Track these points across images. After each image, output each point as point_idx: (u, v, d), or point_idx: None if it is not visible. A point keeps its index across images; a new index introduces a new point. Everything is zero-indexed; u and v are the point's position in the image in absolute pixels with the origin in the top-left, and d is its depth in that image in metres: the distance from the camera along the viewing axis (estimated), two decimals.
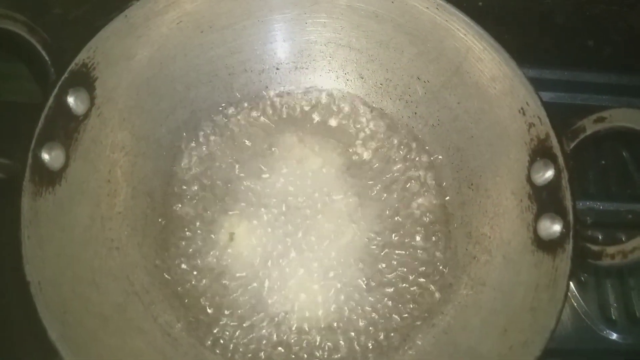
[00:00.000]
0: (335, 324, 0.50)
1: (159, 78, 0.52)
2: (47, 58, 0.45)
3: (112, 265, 0.47)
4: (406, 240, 0.54)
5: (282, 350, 0.50)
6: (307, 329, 0.50)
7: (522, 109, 0.48)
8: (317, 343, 0.50)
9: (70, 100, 0.45)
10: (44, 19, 0.68)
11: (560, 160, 0.45)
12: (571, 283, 0.56)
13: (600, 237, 0.60)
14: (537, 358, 0.41)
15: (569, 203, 0.44)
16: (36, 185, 0.42)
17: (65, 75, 0.44)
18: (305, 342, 0.50)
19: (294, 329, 0.50)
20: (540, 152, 0.47)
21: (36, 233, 0.41)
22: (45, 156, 0.43)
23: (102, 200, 0.48)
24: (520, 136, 0.49)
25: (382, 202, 0.55)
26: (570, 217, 0.44)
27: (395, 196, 0.55)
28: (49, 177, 0.44)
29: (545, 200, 0.47)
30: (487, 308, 0.48)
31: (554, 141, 0.46)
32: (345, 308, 0.51)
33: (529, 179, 0.48)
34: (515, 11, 0.76)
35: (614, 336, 0.56)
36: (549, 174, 0.46)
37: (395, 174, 0.56)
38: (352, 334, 0.50)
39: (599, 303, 0.58)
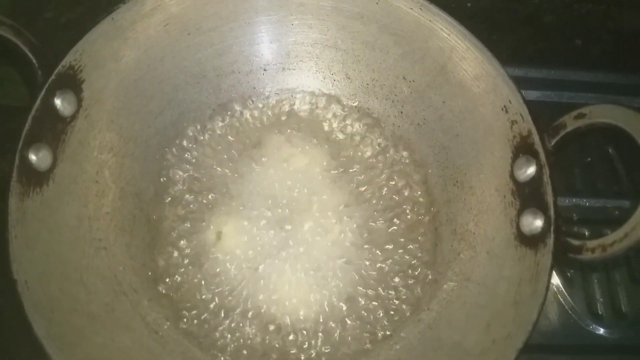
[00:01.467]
0: (321, 321, 0.51)
1: (147, 80, 0.53)
2: (34, 61, 0.45)
3: (99, 265, 0.48)
4: (392, 238, 0.54)
5: (270, 349, 0.50)
6: (294, 326, 0.50)
7: (504, 106, 0.49)
8: (305, 340, 0.50)
9: (58, 102, 0.46)
10: (36, 23, 0.69)
11: (542, 156, 0.46)
12: (557, 278, 0.58)
13: (586, 234, 0.60)
14: (520, 350, 0.41)
15: (550, 198, 0.45)
16: (23, 185, 0.43)
17: (52, 77, 0.45)
18: (292, 339, 0.50)
19: (281, 327, 0.50)
20: (523, 149, 0.48)
21: (23, 233, 0.42)
22: (33, 157, 0.44)
23: (90, 200, 0.49)
24: (504, 133, 0.49)
25: (369, 201, 0.56)
26: (552, 212, 0.44)
27: (381, 194, 0.56)
28: (36, 178, 0.44)
29: (527, 196, 0.47)
30: (472, 303, 0.48)
31: (535, 138, 0.47)
32: (332, 305, 0.51)
33: (512, 176, 0.49)
34: (504, 11, 0.76)
35: (601, 331, 0.57)
36: (531, 170, 0.47)
37: (382, 173, 0.57)
38: (339, 330, 0.50)
39: (585, 298, 0.58)
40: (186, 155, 0.56)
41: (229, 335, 0.50)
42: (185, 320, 0.50)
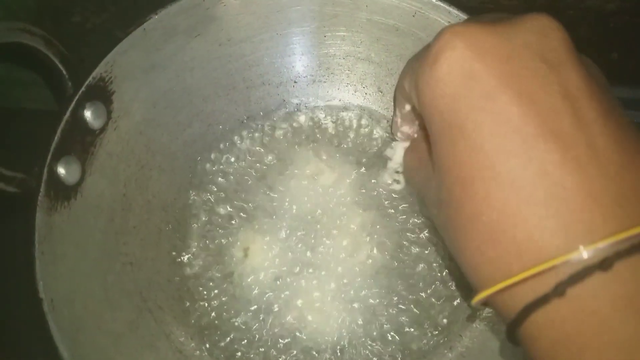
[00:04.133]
0: (347, 346, 0.49)
1: (176, 91, 0.52)
2: (64, 72, 0.44)
3: (125, 281, 0.47)
4: (424, 259, 0.52)
5: None
6: (319, 349, 0.49)
7: None
8: None
9: (87, 114, 0.45)
10: (63, 28, 0.68)
11: None
12: None
13: None
14: None
15: None
16: (51, 200, 0.42)
17: (83, 89, 0.44)
18: None
19: (306, 349, 0.49)
20: None
21: (50, 249, 0.41)
22: (62, 171, 0.43)
23: (117, 214, 0.48)
24: None
25: (399, 220, 0.54)
26: None
27: (411, 213, 0.54)
28: (64, 192, 0.43)
29: None
30: None
31: None
32: (359, 329, 0.50)
33: None
34: None
35: None
36: None
37: (412, 191, 0.55)
38: (365, 355, 0.49)
39: None
40: (214, 168, 0.55)
41: (254, 354, 0.49)
42: (210, 339, 0.49)
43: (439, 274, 0.52)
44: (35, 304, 0.39)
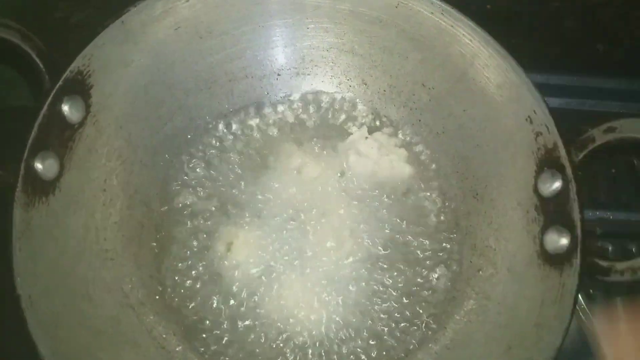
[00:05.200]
0: (334, 339, 0.49)
1: (157, 85, 0.51)
2: (41, 66, 0.44)
3: (106, 277, 0.46)
4: (408, 252, 0.52)
5: None
6: (304, 343, 0.49)
7: (529, 117, 0.47)
8: (314, 358, 0.48)
9: (65, 108, 0.44)
10: (46, 23, 0.68)
11: (569, 170, 0.44)
12: (579, 297, 0.56)
13: (610, 249, 0.58)
14: None
15: (577, 216, 0.43)
16: (29, 195, 0.41)
17: (60, 83, 0.44)
18: (300, 354, 0.48)
19: (290, 343, 0.49)
20: (548, 162, 0.46)
21: (28, 245, 0.40)
22: (39, 166, 0.42)
23: (97, 209, 0.48)
24: (527, 145, 0.47)
25: (383, 212, 0.54)
26: (579, 230, 0.43)
27: (397, 205, 0.54)
28: (42, 187, 0.43)
29: (552, 212, 0.45)
30: (491, 323, 0.47)
31: (561, 151, 0.45)
32: (344, 323, 0.50)
33: (535, 190, 0.47)
34: (524, 15, 0.74)
35: None
36: (557, 185, 0.45)
37: (397, 183, 0.55)
38: (352, 349, 0.49)
39: None
40: (196, 162, 0.54)
41: (237, 349, 0.49)
42: (192, 334, 0.49)
43: (424, 266, 0.52)
44: (13, 300, 0.38)
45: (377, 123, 0.58)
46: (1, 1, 0.64)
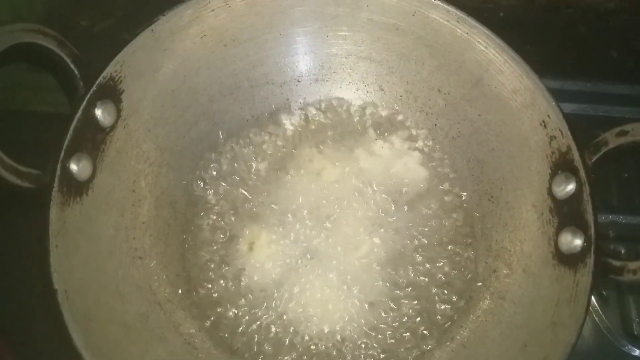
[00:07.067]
0: (353, 338, 0.50)
1: (183, 90, 0.53)
2: (76, 72, 0.46)
3: (135, 275, 0.48)
4: (425, 253, 0.54)
5: None
6: (325, 341, 0.50)
7: (543, 121, 0.48)
8: (334, 356, 0.50)
9: (98, 112, 0.46)
10: (72, 32, 0.70)
11: (582, 173, 0.45)
12: (593, 298, 0.57)
13: (622, 251, 0.59)
14: None
15: (590, 217, 0.44)
16: (64, 195, 0.43)
17: (94, 88, 0.46)
18: (323, 354, 0.50)
19: (312, 341, 0.50)
20: (562, 166, 0.47)
21: (63, 242, 0.42)
22: (74, 167, 0.44)
23: (127, 210, 0.50)
24: (542, 149, 0.48)
25: (402, 215, 0.55)
26: (592, 231, 0.44)
27: (413, 208, 0.55)
28: (76, 188, 0.45)
29: (566, 214, 0.46)
30: (507, 322, 0.48)
31: (575, 154, 0.46)
32: (363, 322, 0.51)
33: (550, 192, 0.48)
34: (537, 21, 0.75)
35: (637, 352, 0.55)
36: (571, 187, 0.46)
37: (413, 185, 0.56)
38: (370, 347, 0.50)
39: (621, 318, 0.57)
40: (220, 165, 0.56)
41: (260, 346, 0.50)
42: (217, 331, 0.50)
43: (441, 267, 0.53)
44: (49, 295, 0.40)
45: (394, 128, 0.59)
46: (27, 10, 0.66)
